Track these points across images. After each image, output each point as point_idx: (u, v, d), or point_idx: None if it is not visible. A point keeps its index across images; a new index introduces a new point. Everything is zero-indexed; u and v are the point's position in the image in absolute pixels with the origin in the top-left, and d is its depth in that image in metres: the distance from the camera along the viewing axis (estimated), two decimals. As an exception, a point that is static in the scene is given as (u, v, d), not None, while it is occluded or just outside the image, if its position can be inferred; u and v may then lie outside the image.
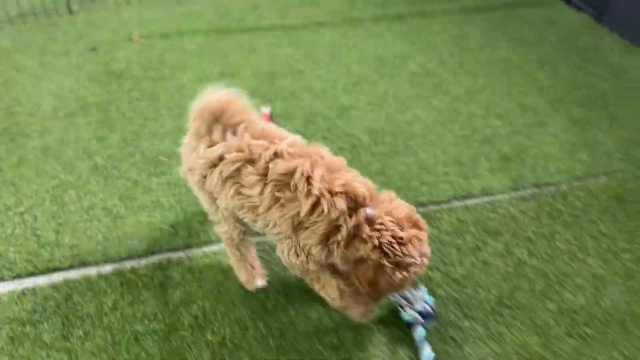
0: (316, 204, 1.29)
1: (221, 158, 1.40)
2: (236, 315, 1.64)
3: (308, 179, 1.29)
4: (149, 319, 1.62)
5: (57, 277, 1.75)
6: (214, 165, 1.43)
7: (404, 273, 1.30)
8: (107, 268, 1.78)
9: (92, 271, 1.77)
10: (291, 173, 1.31)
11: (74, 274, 1.76)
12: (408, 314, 1.58)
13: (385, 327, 1.61)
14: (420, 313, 1.58)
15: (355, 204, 1.30)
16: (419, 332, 1.56)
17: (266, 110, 2.44)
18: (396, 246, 1.27)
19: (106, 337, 1.57)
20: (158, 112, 2.52)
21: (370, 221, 1.29)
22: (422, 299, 1.59)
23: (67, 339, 1.56)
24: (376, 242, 1.27)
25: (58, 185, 2.10)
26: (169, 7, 3.50)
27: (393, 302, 1.62)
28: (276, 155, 1.34)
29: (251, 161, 1.37)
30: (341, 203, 1.27)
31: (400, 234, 1.27)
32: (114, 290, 1.70)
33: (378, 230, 1.28)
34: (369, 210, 1.30)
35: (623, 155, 2.31)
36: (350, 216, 1.29)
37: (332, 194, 1.28)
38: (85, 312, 1.63)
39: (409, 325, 1.60)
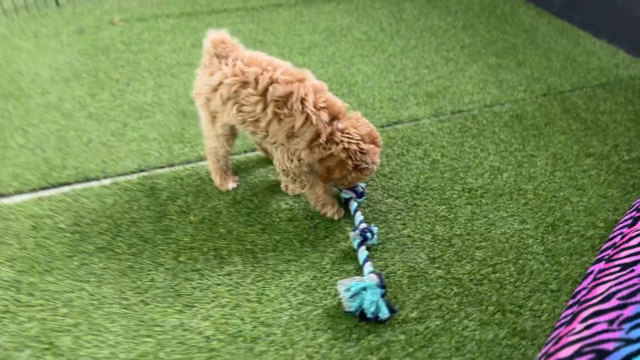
0: (307, 118, 1.74)
1: (220, 83, 1.82)
2: (212, 205, 2.09)
3: (302, 101, 1.74)
4: (142, 209, 2.06)
5: (66, 189, 2.18)
6: (215, 89, 1.84)
7: (358, 174, 1.81)
8: (107, 181, 2.22)
9: (94, 184, 2.21)
10: (288, 95, 1.75)
11: (79, 186, 2.19)
12: (345, 193, 2.06)
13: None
14: (354, 191, 2.06)
15: (332, 117, 1.77)
16: (353, 205, 2.04)
17: (232, 68, 2.91)
18: (359, 154, 1.76)
19: (109, 222, 2.00)
20: (140, 74, 2.97)
21: (340, 131, 1.77)
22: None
23: (78, 225, 1.99)
24: (346, 145, 1.75)
25: (60, 128, 2.53)
26: (145, -2, 3.97)
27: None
28: (272, 81, 1.76)
29: (245, 83, 1.77)
30: (325, 116, 1.75)
31: (363, 145, 1.77)
32: (113, 194, 2.14)
33: (347, 137, 1.76)
34: (339, 125, 1.78)
35: (525, 88, 2.84)
36: (328, 125, 1.76)
37: (317, 108, 1.74)
38: (91, 207, 2.07)
39: (346, 201, 2.07)
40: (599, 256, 1.83)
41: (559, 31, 3.44)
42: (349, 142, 1.76)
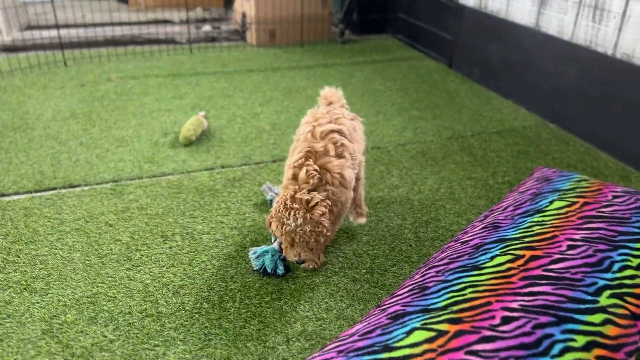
0: None
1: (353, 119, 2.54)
2: (166, 204, 2.68)
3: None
4: (110, 205, 2.64)
5: (54, 192, 2.78)
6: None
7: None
8: (86, 187, 2.82)
9: (76, 189, 2.81)
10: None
11: (64, 190, 2.79)
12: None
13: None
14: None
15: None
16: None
17: (202, 113, 3.61)
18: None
19: (84, 213, 2.58)
20: (126, 116, 3.66)
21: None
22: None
23: (59, 214, 2.57)
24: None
25: (55, 152, 3.17)
26: (139, 62, 4.77)
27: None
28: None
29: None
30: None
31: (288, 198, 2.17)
32: (89, 195, 2.73)
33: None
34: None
35: (435, 133, 3.51)
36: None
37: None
38: (71, 203, 2.66)
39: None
40: (452, 239, 2.39)
41: (475, 94, 4.17)
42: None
